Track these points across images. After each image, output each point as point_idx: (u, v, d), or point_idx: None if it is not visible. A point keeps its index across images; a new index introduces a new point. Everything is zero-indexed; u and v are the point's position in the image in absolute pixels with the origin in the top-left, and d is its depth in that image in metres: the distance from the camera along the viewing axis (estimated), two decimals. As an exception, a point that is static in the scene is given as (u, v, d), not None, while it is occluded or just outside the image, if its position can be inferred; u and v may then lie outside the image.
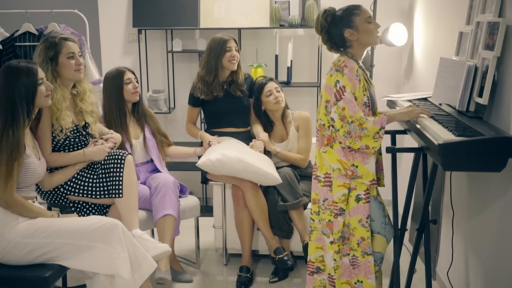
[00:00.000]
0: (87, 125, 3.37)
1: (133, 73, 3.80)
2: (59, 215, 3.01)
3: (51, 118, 3.17)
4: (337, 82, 2.85)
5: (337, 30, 2.92)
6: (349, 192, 2.93)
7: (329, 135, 2.94)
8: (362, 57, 3.01)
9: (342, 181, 2.92)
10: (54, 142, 3.24)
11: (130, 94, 3.73)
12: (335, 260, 2.98)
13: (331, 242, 2.98)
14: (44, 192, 3.32)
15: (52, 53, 3.20)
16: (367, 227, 2.95)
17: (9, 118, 2.78)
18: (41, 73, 2.91)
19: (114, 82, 3.71)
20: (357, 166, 2.88)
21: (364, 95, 2.88)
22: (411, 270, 3.31)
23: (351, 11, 2.92)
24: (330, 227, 2.98)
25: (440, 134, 2.45)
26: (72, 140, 3.28)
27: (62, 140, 3.24)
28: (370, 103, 2.93)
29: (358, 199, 2.93)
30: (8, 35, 4.64)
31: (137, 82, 3.80)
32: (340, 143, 2.87)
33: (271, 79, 4.02)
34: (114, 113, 3.71)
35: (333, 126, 2.88)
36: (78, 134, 3.31)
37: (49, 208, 3.46)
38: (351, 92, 2.82)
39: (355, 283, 3.01)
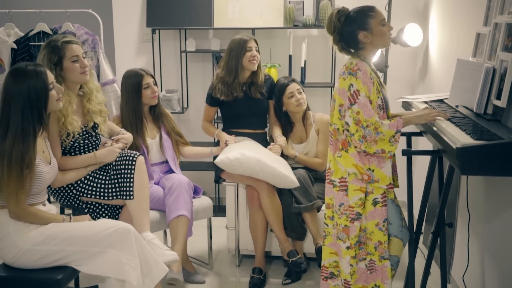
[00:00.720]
0: (96, 125, 3.33)
1: (152, 76, 3.77)
2: (70, 219, 2.96)
3: (58, 123, 3.11)
4: (350, 86, 2.78)
5: (350, 31, 2.85)
6: (365, 196, 2.87)
7: (344, 140, 2.87)
8: (373, 59, 2.94)
9: (358, 185, 2.85)
10: (63, 147, 3.20)
11: (149, 98, 3.71)
12: (351, 265, 2.92)
13: (348, 248, 2.92)
14: (57, 193, 3.29)
15: (56, 58, 3.13)
16: (384, 231, 2.89)
17: (19, 129, 2.63)
18: (50, 76, 2.78)
19: (133, 86, 3.68)
20: (373, 170, 2.82)
21: (378, 97, 2.82)
22: (426, 273, 3.25)
23: (366, 13, 2.84)
24: (347, 232, 2.92)
25: (458, 137, 2.38)
26: (81, 142, 3.24)
27: (71, 143, 3.20)
28: (384, 105, 2.87)
29: (375, 203, 2.87)
30: (22, 34, 4.62)
31: (155, 85, 3.76)
32: (356, 147, 2.81)
33: (293, 80, 3.97)
34: (131, 116, 3.69)
35: (347, 130, 2.82)
36: (87, 135, 3.27)
37: (62, 210, 3.45)
38: (366, 96, 2.76)
39: (372, 287, 2.95)
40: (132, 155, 3.29)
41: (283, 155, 3.89)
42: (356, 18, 2.84)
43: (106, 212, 3.32)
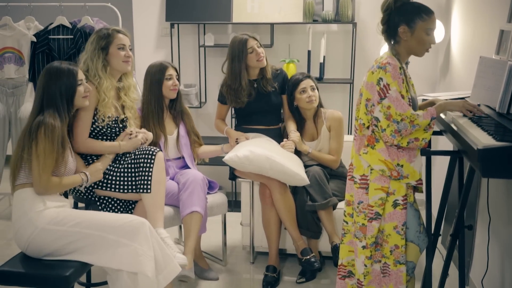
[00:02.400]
0: (125, 119, 3.33)
1: (176, 70, 3.71)
2: (87, 177, 3.03)
3: (96, 104, 3.17)
4: (380, 80, 2.63)
5: (396, 20, 2.68)
6: (386, 197, 2.73)
7: (370, 135, 2.72)
8: (405, 60, 2.79)
9: (380, 184, 2.71)
10: (92, 128, 3.20)
11: (168, 90, 3.63)
12: (365, 265, 2.79)
13: (363, 247, 2.79)
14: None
15: (104, 43, 3.25)
16: (402, 234, 2.74)
17: (56, 115, 2.83)
18: (80, 75, 2.97)
19: (156, 75, 3.64)
20: (402, 166, 2.67)
21: (406, 96, 2.67)
22: (444, 275, 3.11)
23: (420, 12, 2.66)
24: (364, 231, 2.78)
25: (480, 138, 2.24)
26: (110, 129, 3.24)
27: (101, 127, 3.20)
28: (412, 104, 2.72)
29: (395, 205, 2.72)
30: (42, 28, 4.59)
31: (178, 79, 3.69)
32: (386, 142, 2.67)
33: (308, 76, 3.83)
34: (152, 105, 3.63)
35: (376, 126, 2.67)
36: (115, 125, 3.27)
37: (76, 204, 3.39)
38: (397, 90, 2.61)
39: None
40: (152, 150, 3.23)
41: (297, 151, 3.76)
42: (408, 10, 2.67)
43: (119, 207, 3.25)
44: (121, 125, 3.30)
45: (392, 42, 2.74)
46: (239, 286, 3.63)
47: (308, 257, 3.52)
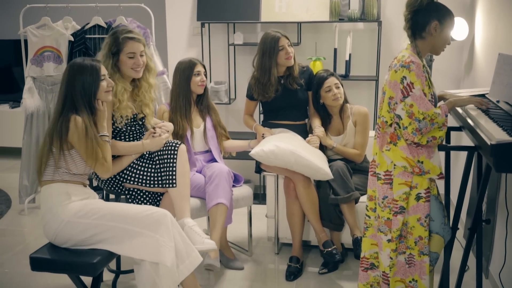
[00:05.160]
0: (144, 117, 3.34)
1: (204, 67, 3.75)
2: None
3: (112, 108, 3.16)
4: (403, 78, 2.61)
5: (427, 16, 2.67)
6: (410, 190, 2.72)
7: (392, 133, 2.71)
8: (424, 57, 2.77)
9: (403, 179, 2.70)
10: (113, 128, 3.22)
11: (196, 86, 3.68)
12: (391, 258, 2.78)
13: (389, 240, 2.77)
14: (103, 179, 3.28)
15: (115, 49, 3.22)
16: (426, 226, 2.73)
17: (82, 109, 2.85)
18: (103, 70, 2.95)
19: (185, 71, 3.69)
20: (422, 162, 2.66)
21: (428, 93, 2.65)
22: (463, 267, 3.08)
23: (450, 12, 2.70)
24: (389, 225, 2.77)
25: (494, 134, 2.22)
26: (129, 128, 3.26)
27: (120, 128, 3.22)
28: (434, 101, 2.70)
29: (418, 198, 2.71)
30: (79, 27, 4.67)
31: (206, 76, 3.74)
32: (407, 140, 2.66)
33: (332, 74, 3.82)
34: (181, 100, 3.68)
35: (397, 124, 2.66)
36: (135, 123, 3.29)
37: (107, 196, 3.46)
38: (421, 89, 2.60)
39: (409, 281, 2.81)
40: (174, 144, 3.26)
41: (321, 146, 3.76)
42: (441, 8, 2.69)
43: (148, 199, 3.30)
44: (140, 123, 3.32)
45: (415, 39, 2.72)
46: (264, 276, 3.65)
47: (330, 249, 3.52)
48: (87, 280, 2.87)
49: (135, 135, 3.30)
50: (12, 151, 6.46)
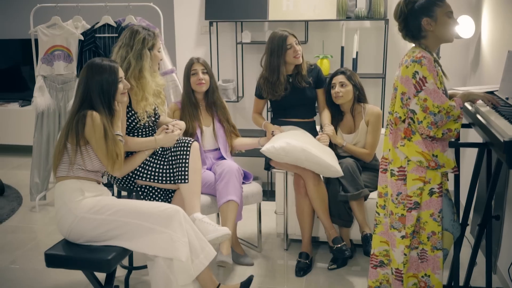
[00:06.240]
0: (156, 108, 3.37)
1: (204, 65, 3.71)
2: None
3: (138, 105, 3.22)
4: (415, 73, 2.59)
5: (415, 19, 2.65)
6: (423, 186, 2.70)
7: (406, 128, 2.69)
8: (434, 51, 2.75)
9: (417, 175, 2.68)
10: (132, 125, 3.24)
11: (194, 85, 3.68)
12: (405, 255, 2.76)
13: (403, 237, 2.75)
14: (116, 176, 3.29)
15: (151, 44, 3.28)
16: (439, 221, 2.71)
17: (100, 109, 2.84)
18: (121, 72, 2.95)
19: (186, 71, 3.71)
20: (436, 156, 2.64)
21: (440, 88, 2.64)
22: (472, 263, 3.07)
23: (434, 1, 2.64)
24: (403, 221, 2.75)
25: (506, 130, 2.21)
26: (146, 125, 3.29)
27: (135, 124, 3.24)
28: (446, 96, 2.69)
29: (431, 193, 2.69)
30: (89, 27, 4.67)
31: (206, 73, 3.70)
32: (422, 134, 2.64)
33: (342, 72, 3.81)
34: (186, 100, 3.70)
35: (412, 119, 2.64)
36: (148, 120, 3.31)
37: (119, 193, 3.46)
38: (434, 83, 2.58)
39: (422, 276, 2.79)
40: (187, 141, 3.26)
41: (331, 143, 3.76)
42: (423, 5, 2.64)
43: (159, 195, 3.30)
44: (153, 119, 3.35)
45: (419, 40, 2.71)
46: (273, 272, 3.66)
47: (339, 245, 3.52)
48: (101, 276, 2.88)
49: (148, 131, 3.32)
50: (22, 149, 6.47)
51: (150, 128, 3.34)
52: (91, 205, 2.80)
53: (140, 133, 3.29)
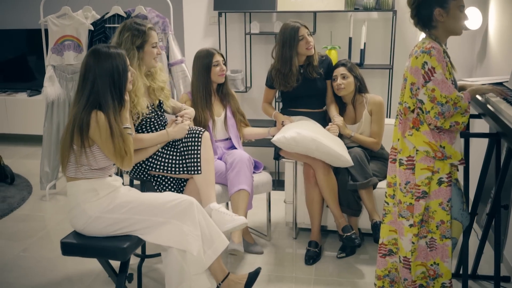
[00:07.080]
0: (161, 103, 3.36)
1: (222, 56, 3.74)
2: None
3: (131, 103, 3.13)
4: (424, 64, 2.60)
5: (428, 7, 2.64)
6: (432, 175, 2.72)
7: (415, 118, 2.71)
8: (444, 42, 2.76)
9: (426, 164, 2.70)
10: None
11: (216, 76, 3.68)
12: (413, 243, 2.78)
13: (411, 225, 2.77)
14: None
15: (140, 42, 3.18)
16: (448, 210, 2.73)
17: (116, 101, 2.71)
18: (127, 59, 2.82)
19: (203, 62, 3.67)
20: (444, 147, 2.66)
21: (449, 78, 2.65)
22: (479, 252, 3.10)
23: None
24: (411, 210, 2.77)
25: (518, 121, 2.23)
26: (148, 120, 3.27)
27: (139, 121, 3.23)
28: (455, 88, 2.71)
29: (440, 182, 2.71)
30: (99, 17, 4.67)
31: (225, 64, 3.72)
32: (430, 124, 2.66)
33: (343, 64, 3.82)
34: (201, 91, 3.68)
35: (420, 109, 2.66)
36: (154, 114, 3.30)
37: (131, 182, 3.48)
38: (442, 73, 2.59)
39: (431, 265, 2.82)
40: (198, 131, 3.28)
41: (340, 134, 3.77)
42: None
43: (172, 185, 3.32)
44: (159, 111, 3.33)
45: (429, 29, 2.72)
46: (283, 260, 3.69)
47: (349, 233, 3.55)
48: (115, 264, 2.90)
49: (156, 123, 3.31)
50: (31, 138, 6.50)
51: (158, 120, 3.32)
52: (105, 204, 2.76)
53: (149, 128, 3.28)
